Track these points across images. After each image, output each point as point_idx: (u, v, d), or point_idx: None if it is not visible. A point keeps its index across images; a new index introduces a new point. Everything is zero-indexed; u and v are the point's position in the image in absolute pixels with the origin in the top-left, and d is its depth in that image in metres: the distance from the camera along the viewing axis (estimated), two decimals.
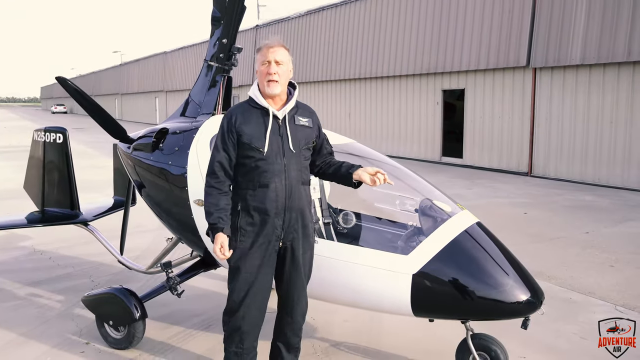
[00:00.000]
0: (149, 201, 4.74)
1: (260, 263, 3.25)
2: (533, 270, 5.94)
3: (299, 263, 3.33)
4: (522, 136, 14.97)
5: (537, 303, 3.35)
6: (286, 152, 3.22)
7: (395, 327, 4.69)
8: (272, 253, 3.27)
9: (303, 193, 3.30)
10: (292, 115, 3.30)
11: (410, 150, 18.85)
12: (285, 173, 3.21)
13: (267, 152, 3.18)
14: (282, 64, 3.22)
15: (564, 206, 10.47)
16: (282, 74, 3.22)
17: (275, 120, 3.24)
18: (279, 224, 3.22)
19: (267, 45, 3.24)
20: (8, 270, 6.36)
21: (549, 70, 14.11)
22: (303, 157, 3.30)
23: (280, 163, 3.20)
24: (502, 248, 3.60)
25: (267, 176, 3.19)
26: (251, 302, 3.29)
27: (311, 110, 3.44)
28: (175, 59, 42.09)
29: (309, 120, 3.36)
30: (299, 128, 3.30)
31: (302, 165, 3.30)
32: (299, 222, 3.28)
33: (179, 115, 4.95)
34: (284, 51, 3.25)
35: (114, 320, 4.31)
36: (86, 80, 73.47)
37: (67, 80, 4.52)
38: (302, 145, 3.29)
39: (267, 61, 3.21)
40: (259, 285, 3.28)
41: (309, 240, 3.37)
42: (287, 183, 3.21)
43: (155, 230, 7.73)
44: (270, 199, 3.19)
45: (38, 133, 5.85)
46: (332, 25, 22.60)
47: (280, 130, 3.24)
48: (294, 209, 3.24)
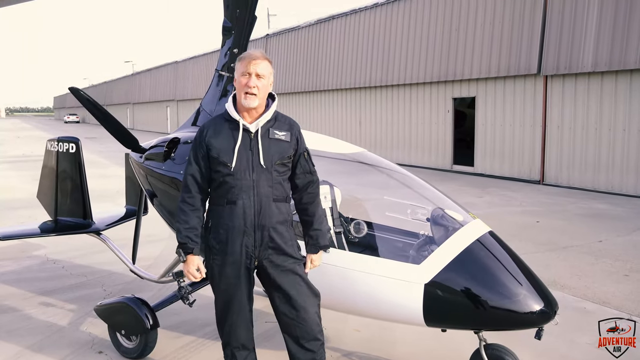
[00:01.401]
0: (161, 210, 4.76)
1: (234, 282, 3.17)
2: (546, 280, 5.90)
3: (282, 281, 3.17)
4: (533, 144, 14.89)
5: (551, 313, 3.32)
6: (256, 168, 3.09)
7: (407, 337, 4.66)
8: (245, 272, 3.16)
9: (276, 210, 3.13)
10: (267, 129, 3.15)
11: (421, 158, 18.80)
12: (255, 189, 3.08)
13: (234, 167, 3.08)
14: (263, 77, 3.11)
15: (577, 214, 10.39)
16: (261, 88, 3.11)
17: (246, 133, 3.12)
18: (250, 242, 3.11)
19: (250, 57, 3.11)
20: (21, 279, 6.40)
21: (561, 77, 14.04)
22: (276, 172, 3.14)
23: (249, 179, 3.09)
24: (515, 257, 3.57)
25: (234, 192, 3.09)
26: (235, 319, 3.23)
27: (292, 123, 3.27)
28: (187, 69, 42.37)
29: (286, 134, 3.18)
30: (273, 142, 3.14)
31: (276, 181, 3.14)
32: (273, 240, 3.13)
33: (190, 124, 4.98)
34: (266, 64, 3.14)
35: (127, 329, 4.31)
36: (98, 90, 74.14)
37: (79, 90, 4.56)
38: (275, 160, 3.13)
39: (247, 73, 3.09)
40: (237, 303, 3.21)
41: (292, 257, 3.20)
42: (256, 200, 3.08)
43: (166, 239, 7.76)
44: (238, 216, 3.08)
45: (51, 143, 5.90)
46: (343, 34, 22.66)
47: (251, 144, 3.11)
48: (266, 227, 3.11)
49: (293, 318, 3.19)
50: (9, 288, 6.08)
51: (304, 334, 3.19)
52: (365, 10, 21.34)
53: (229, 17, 4.60)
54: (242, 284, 3.18)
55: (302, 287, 3.21)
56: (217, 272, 3.19)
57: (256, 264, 3.18)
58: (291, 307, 3.18)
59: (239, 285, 3.17)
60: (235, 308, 3.22)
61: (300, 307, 3.18)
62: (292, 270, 3.20)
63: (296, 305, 3.18)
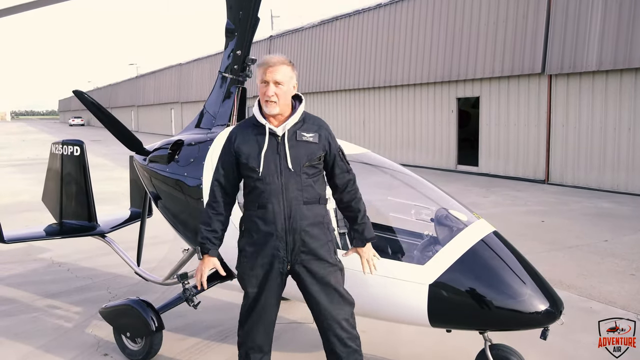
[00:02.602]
0: (165, 212, 4.77)
1: (262, 283, 3.18)
2: (552, 280, 5.89)
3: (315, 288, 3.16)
4: (538, 143, 14.85)
5: (557, 313, 3.31)
6: (284, 171, 3.08)
7: (412, 337, 4.65)
8: (277, 275, 3.16)
9: (307, 213, 3.12)
10: (294, 131, 3.13)
11: (425, 158, 18.77)
12: (283, 193, 3.08)
13: (262, 172, 3.08)
14: (281, 84, 3.07)
15: (583, 214, 10.35)
16: (281, 95, 3.08)
17: (273, 137, 3.11)
18: (282, 246, 3.10)
19: (266, 64, 3.09)
20: (27, 282, 6.42)
21: (565, 76, 14.00)
22: (306, 175, 3.12)
23: (278, 183, 3.08)
24: (520, 257, 3.56)
25: (264, 197, 3.09)
26: (257, 319, 3.24)
27: (320, 124, 3.23)
28: (191, 71, 42.44)
29: (314, 136, 3.15)
30: (301, 144, 3.11)
31: (305, 184, 3.12)
32: (307, 244, 3.12)
33: (194, 126, 4.98)
34: (284, 69, 3.10)
35: (132, 331, 4.32)
36: (103, 92, 74.36)
37: (84, 93, 4.57)
38: (304, 163, 3.10)
39: (264, 81, 3.08)
40: (261, 305, 3.22)
41: (327, 261, 3.18)
42: (285, 204, 3.08)
43: (171, 242, 7.77)
44: (269, 221, 3.09)
45: (56, 146, 5.92)
46: (346, 35, 22.66)
47: (278, 147, 3.10)
48: (297, 230, 3.10)
49: (324, 323, 3.19)
50: (15, 291, 6.10)
51: (334, 339, 3.18)
52: (369, 11, 21.34)
53: (232, 19, 4.60)
54: (271, 287, 3.19)
55: (333, 295, 3.18)
56: (247, 274, 3.21)
57: (289, 268, 3.17)
58: (321, 313, 3.18)
59: (267, 288, 3.18)
60: (259, 310, 3.22)
61: (328, 313, 3.16)
62: (324, 278, 3.16)
63: (325, 313, 3.16)
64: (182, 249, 5.17)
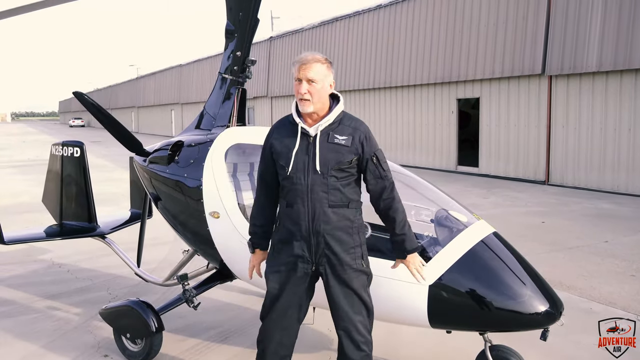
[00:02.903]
0: (165, 214, 4.77)
1: (285, 281, 3.15)
2: (552, 281, 5.89)
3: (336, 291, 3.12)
4: (538, 144, 14.86)
5: (556, 314, 3.31)
6: (310, 172, 3.04)
7: (412, 338, 4.65)
8: (301, 276, 3.13)
9: (333, 216, 3.06)
10: (327, 132, 3.08)
11: (425, 159, 18.78)
12: (309, 194, 3.05)
13: (290, 170, 3.06)
14: (315, 81, 3.03)
15: (583, 214, 10.35)
16: (314, 93, 3.04)
17: (305, 137, 3.09)
18: (306, 247, 3.08)
19: (301, 62, 3.07)
20: (27, 283, 6.42)
21: (565, 77, 14.00)
22: (334, 178, 3.05)
23: (304, 183, 3.05)
24: (520, 258, 3.56)
25: (291, 196, 3.09)
26: (276, 317, 3.19)
27: (357, 127, 3.15)
28: (191, 72, 42.48)
29: (347, 139, 3.07)
30: (331, 147, 3.06)
31: (332, 187, 3.05)
32: (331, 247, 3.07)
33: (194, 127, 4.98)
34: (318, 67, 3.06)
35: (132, 333, 4.32)
36: (103, 93, 74.42)
37: (84, 94, 4.57)
38: (332, 165, 3.04)
39: (298, 78, 3.07)
40: (284, 303, 3.16)
41: (351, 266, 3.11)
42: (310, 205, 3.05)
43: (171, 243, 7.78)
44: (294, 221, 3.09)
45: (56, 147, 5.92)
46: (346, 36, 22.69)
47: (308, 148, 3.07)
48: (320, 233, 3.05)
49: (340, 326, 3.16)
50: (15, 292, 6.10)
51: (348, 343, 3.15)
52: (369, 12, 21.36)
53: (231, 20, 4.60)
54: (294, 287, 3.15)
55: (354, 300, 3.14)
56: (273, 270, 3.19)
57: (313, 269, 3.14)
58: (339, 316, 3.16)
59: (288, 287, 3.15)
60: (278, 309, 3.18)
61: (346, 316, 3.13)
62: (347, 282, 3.12)
63: (343, 314, 3.14)
64: (182, 250, 5.17)
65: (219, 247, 4.11)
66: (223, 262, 4.21)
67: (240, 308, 5.45)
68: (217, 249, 4.12)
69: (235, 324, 5.05)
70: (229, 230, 3.97)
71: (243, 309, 5.41)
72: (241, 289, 5.83)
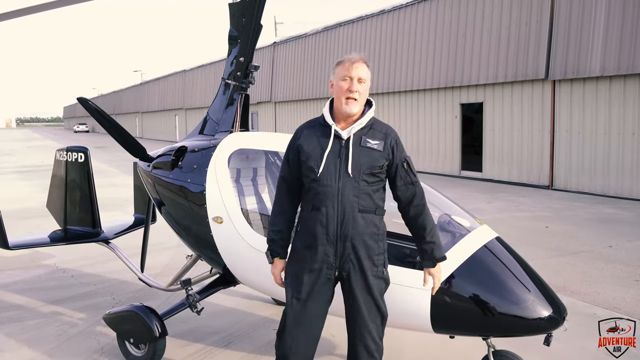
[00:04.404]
0: (169, 219, 4.78)
1: (310, 290, 3.06)
2: (555, 285, 5.88)
3: (357, 297, 3.06)
4: (542, 149, 14.84)
5: (560, 319, 3.30)
6: (342, 175, 2.99)
7: (415, 343, 4.65)
8: (325, 282, 3.06)
9: (362, 222, 3.01)
10: (360, 136, 3.04)
11: (429, 164, 18.78)
12: (339, 197, 2.98)
13: (321, 173, 3.00)
14: (364, 82, 3.05)
15: (587, 219, 10.32)
16: (362, 93, 3.04)
17: (337, 140, 3.04)
18: (331, 251, 3.01)
19: (351, 60, 3.05)
20: (31, 288, 6.44)
21: (568, 82, 14.00)
22: (365, 182, 3.01)
23: (334, 186, 2.99)
24: (523, 263, 3.55)
25: (319, 199, 3.01)
26: (300, 331, 3.08)
27: (388, 132, 3.12)
28: (195, 77, 42.61)
29: (379, 143, 3.05)
30: (364, 150, 3.02)
31: (363, 192, 3.01)
32: (357, 252, 3.02)
33: (197, 133, 5.00)
34: (366, 68, 3.07)
35: (135, 338, 4.33)
36: (107, 99, 74.69)
37: (88, 100, 4.59)
38: (364, 170, 3.00)
39: (349, 77, 3.02)
40: (308, 313, 3.07)
41: (373, 274, 3.07)
42: (340, 208, 2.98)
43: (175, 248, 7.79)
44: (321, 224, 3.00)
45: (60, 153, 5.95)
46: (350, 41, 22.73)
47: (340, 151, 3.02)
48: (348, 237, 2.99)
49: (355, 332, 3.11)
50: (20, 297, 6.12)
51: (361, 349, 3.11)
52: (372, 17, 21.40)
53: (235, 26, 4.63)
54: (319, 295, 3.07)
55: (372, 307, 3.10)
56: (295, 279, 3.10)
57: (336, 275, 3.07)
58: (355, 322, 3.11)
59: (314, 295, 3.06)
60: (305, 320, 3.08)
61: (363, 322, 3.08)
62: (369, 288, 3.07)
63: (360, 320, 3.08)
64: (185, 255, 5.18)
65: (222, 252, 4.12)
66: (226, 267, 4.21)
67: (244, 313, 5.46)
68: (220, 254, 4.13)
69: (239, 329, 5.05)
70: (232, 235, 3.98)
71: (246, 314, 5.41)
72: (244, 294, 5.83)
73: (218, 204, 4.02)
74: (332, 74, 3.16)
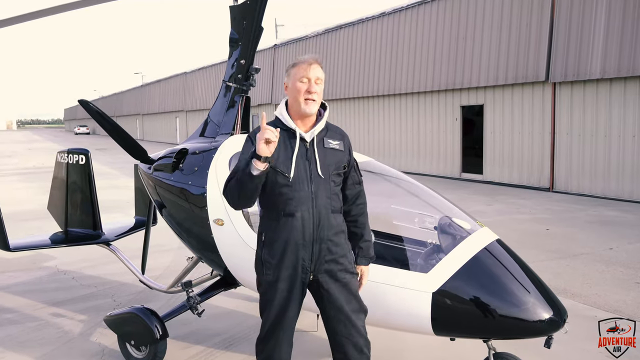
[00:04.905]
0: (170, 221, 4.79)
1: (288, 295, 3.03)
2: (556, 288, 5.88)
3: (337, 297, 3.05)
4: (542, 151, 14.84)
5: (560, 321, 3.30)
6: (314, 178, 2.97)
7: (416, 345, 4.65)
8: (300, 286, 3.04)
9: (334, 222, 3.03)
10: (321, 138, 3.05)
11: (429, 166, 18.78)
12: (313, 201, 2.96)
13: (293, 177, 2.95)
14: (320, 82, 3.04)
15: (587, 222, 10.32)
16: (319, 93, 3.03)
17: (302, 143, 3.01)
18: (307, 256, 2.98)
19: (307, 62, 3.03)
20: (31, 290, 6.45)
21: (569, 84, 14.01)
22: (333, 183, 3.04)
23: (307, 190, 2.96)
24: (523, 265, 3.56)
25: (292, 204, 2.95)
26: (283, 335, 3.09)
27: (343, 133, 3.18)
28: (195, 79, 42.64)
29: (339, 143, 3.09)
30: (328, 151, 3.04)
31: (333, 192, 3.03)
32: (331, 253, 3.03)
33: (198, 135, 5.01)
34: (321, 69, 3.06)
35: (136, 339, 4.34)
36: (108, 101, 74.73)
37: (89, 102, 4.60)
38: (332, 170, 3.03)
39: (306, 78, 2.99)
40: (288, 318, 3.07)
41: (349, 270, 3.10)
42: (315, 212, 2.97)
43: (175, 250, 7.79)
44: (296, 230, 2.95)
45: (61, 155, 5.96)
46: (350, 43, 22.74)
47: (307, 153, 3.00)
48: (324, 239, 3.00)
49: (342, 331, 3.09)
50: (20, 299, 6.12)
51: (351, 348, 3.09)
52: (373, 20, 21.42)
53: (235, 28, 4.64)
54: (295, 299, 3.05)
55: (354, 304, 3.11)
56: (271, 288, 3.05)
57: (311, 278, 3.05)
58: (341, 321, 3.08)
59: (292, 300, 3.05)
60: (285, 324, 3.08)
61: (349, 321, 3.08)
62: (348, 286, 3.08)
63: (346, 319, 3.07)
64: (186, 257, 5.19)
65: (223, 254, 4.12)
66: (227, 269, 4.22)
67: (245, 315, 5.46)
68: (221, 256, 4.13)
69: (240, 331, 5.05)
70: (233, 237, 3.98)
71: (247, 316, 5.41)
72: (245, 296, 5.84)
73: (219, 206, 4.03)
74: (286, 76, 3.14)
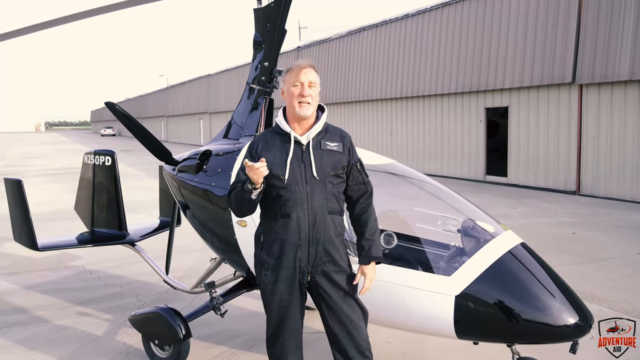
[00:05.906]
0: (193, 222, 4.83)
1: (287, 297, 3.10)
2: (582, 293, 5.79)
3: (336, 299, 3.10)
4: (569, 154, 14.62)
5: (586, 327, 3.25)
6: (309, 180, 3.04)
7: (438, 349, 4.62)
8: (298, 287, 3.10)
9: (330, 223, 3.08)
10: (318, 140, 3.11)
11: (453, 169, 18.64)
12: (309, 202, 3.03)
13: (287, 179, 3.02)
14: (314, 85, 3.11)
15: (615, 226, 10.13)
16: (314, 97, 3.10)
17: (298, 145, 3.08)
18: (304, 256, 3.04)
19: (299, 67, 3.11)
20: (58, 289, 6.56)
21: (596, 86, 13.78)
22: (331, 184, 3.08)
23: (303, 191, 3.03)
24: (548, 269, 3.51)
25: (288, 205, 3.02)
26: (287, 337, 3.15)
27: (343, 134, 3.23)
28: (219, 81, 42.95)
29: (338, 145, 3.14)
30: (325, 153, 3.09)
31: (330, 194, 3.08)
32: (328, 254, 3.08)
33: (222, 137, 5.05)
34: (315, 73, 3.14)
35: (160, 339, 4.38)
36: (133, 103, 75.72)
37: (115, 105, 4.67)
38: (329, 172, 3.07)
39: (299, 82, 3.08)
40: (290, 320, 3.13)
41: (346, 272, 3.15)
42: (310, 213, 3.03)
43: (199, 251, 7.85)
44: (292, 230, 3.03)
45: (88, 156, 6.05)
46: (373, 45, 22.69)
47: (303, 156, 3.07)
48: (320, 241, 3.05)
49: (343, 334, 3.11)
50: (48, 298, 6.23)
51: (353, 350, 3.11)
52: (396, 21, 21.35)
53: (259, 31, 4.67)
54: (296, 299, 3.11)
55: (352, 303, 3.14)
56: (270, 289, 3.12)
57: (309, 279, 3.10)
58: (341, 323, 3.11)
59: (292, 301, 3.10)
60: (289, 325, 3.14)
61: (350, 322, 3.10)
62: (343, 286, 3.12)
63: (347, 321, 3.10)
64: (209, 258, 5.22)
65: (246, 255, 4.14)
66: (250, 270, 4.24)
67: None
68: (244, 257, 4.15)
69: (262, 332, 5.02)
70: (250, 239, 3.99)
71: None
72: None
73: None
74: (281, 82, 3.23)
